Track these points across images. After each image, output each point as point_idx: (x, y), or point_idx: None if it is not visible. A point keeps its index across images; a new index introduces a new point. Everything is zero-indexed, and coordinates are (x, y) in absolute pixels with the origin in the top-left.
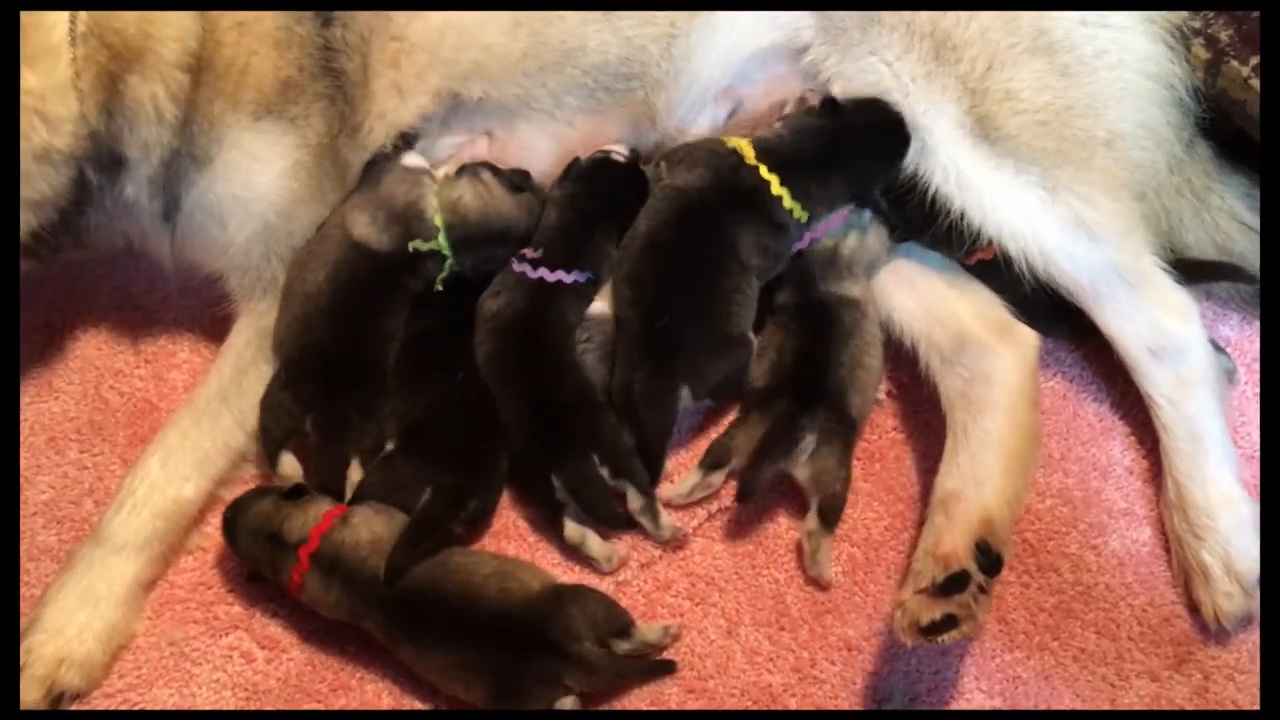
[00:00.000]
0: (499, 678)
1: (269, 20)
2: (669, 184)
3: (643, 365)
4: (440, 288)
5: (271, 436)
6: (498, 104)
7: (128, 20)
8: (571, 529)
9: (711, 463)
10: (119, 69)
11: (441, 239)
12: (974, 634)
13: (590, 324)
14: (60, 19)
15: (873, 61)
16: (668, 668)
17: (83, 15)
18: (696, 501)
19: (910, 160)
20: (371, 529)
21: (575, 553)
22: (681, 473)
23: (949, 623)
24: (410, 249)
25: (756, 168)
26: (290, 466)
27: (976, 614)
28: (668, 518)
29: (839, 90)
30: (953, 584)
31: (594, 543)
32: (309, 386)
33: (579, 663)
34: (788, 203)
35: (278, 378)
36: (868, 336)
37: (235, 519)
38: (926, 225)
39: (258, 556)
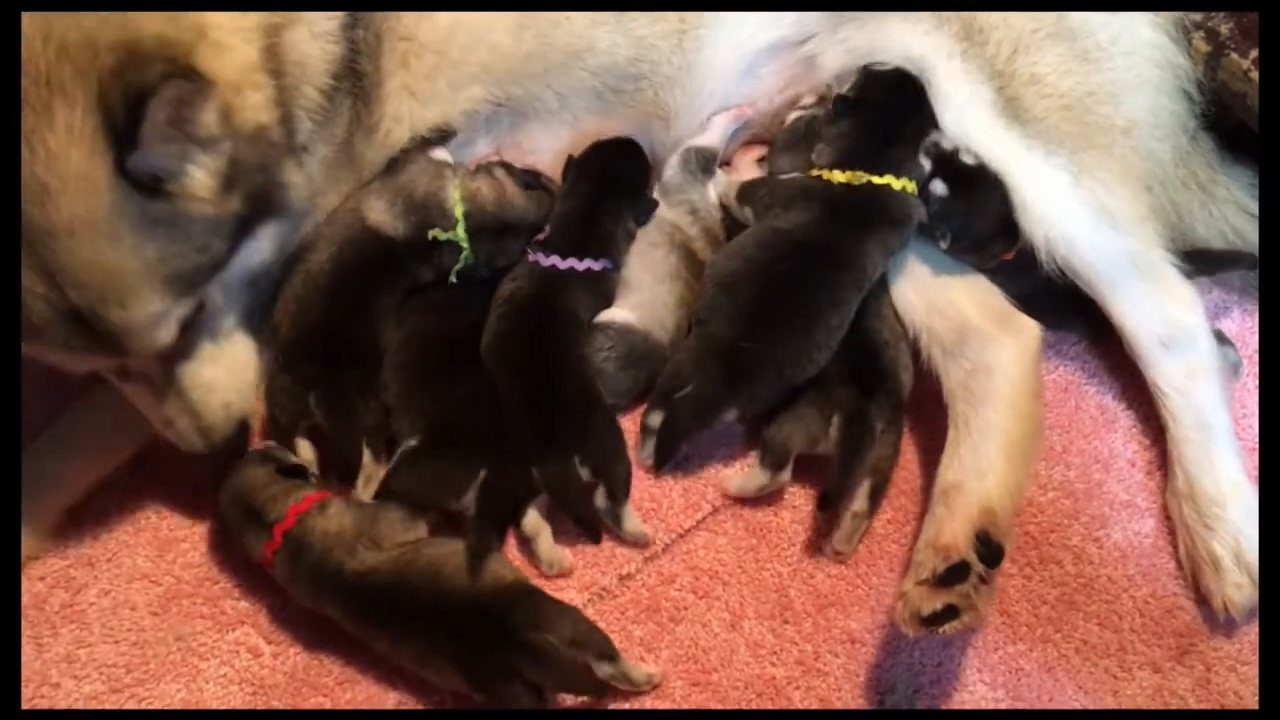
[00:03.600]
0: (464, 666)
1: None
2: (772, 226)
3: (707, 372)
4: (454, 279)
5: (280, 425)
6: (504, 105)
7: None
8: (531, 519)
9: (775, 462)
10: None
11: (460, 230)
12: (976, 624)
13: (613, 332)
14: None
15: (905, 28)
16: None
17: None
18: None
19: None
20: (341, 521)
21: (525, 545)
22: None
23: (950, 613)
24: (430, 237)
25: (867, 180)
26: (307, 451)
27: (978, 604)
28: (635, 522)
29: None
30: (953, 574)
31: (545, 542)
32: (307, 367)
33: (536, 653)
34: (910, 188)
35: (276, 363)
36: (891, 307)
37: (229, 474)
38: (996, 245)
39: (233, 522)
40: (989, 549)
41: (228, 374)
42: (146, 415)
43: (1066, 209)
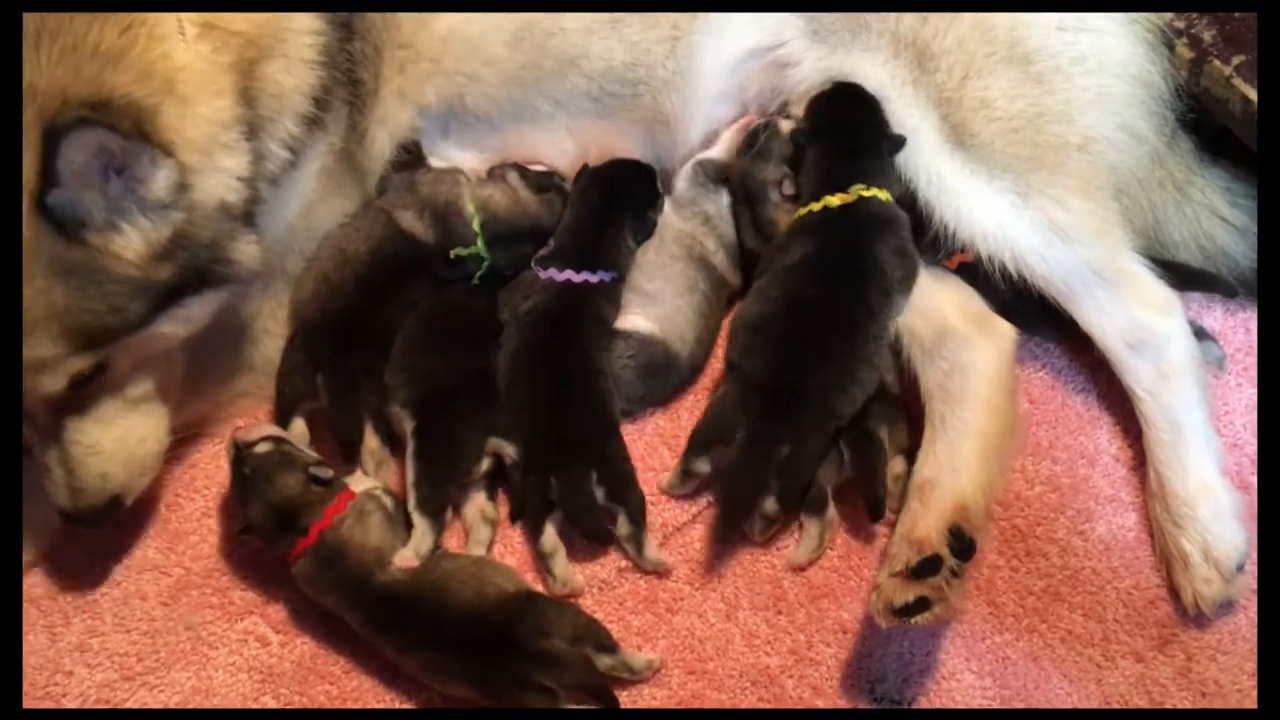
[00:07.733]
0: (476, 676)
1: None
2: (782, 266)
3: (752, 412)
4: (478, 282)
5: (285, 400)
6: (494, 114)
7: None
8: (549, 537)
9: (818, 507)
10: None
11: (480, 243)
12: (947, 616)
13: (635, 341)
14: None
15: (865, 58)
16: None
17: None
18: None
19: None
20: (380, 535)
21: (540, 560)
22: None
23: (922, 605)
24: (452, 256)
25: (858, 196)
26: (301, 431)
27: (949, 597)
28: (654, 550)
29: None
30: (926, 567)
31: (560, 561)
32: (323, 347)
33: (546, 659)
34: (884, 196)
35: (293, 341)
36: None
37: (254, 480)
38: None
39: (263, 526)
40: (961, 543)
41: (116, 443)
42: (31, 448)
43: (1013, 228)
